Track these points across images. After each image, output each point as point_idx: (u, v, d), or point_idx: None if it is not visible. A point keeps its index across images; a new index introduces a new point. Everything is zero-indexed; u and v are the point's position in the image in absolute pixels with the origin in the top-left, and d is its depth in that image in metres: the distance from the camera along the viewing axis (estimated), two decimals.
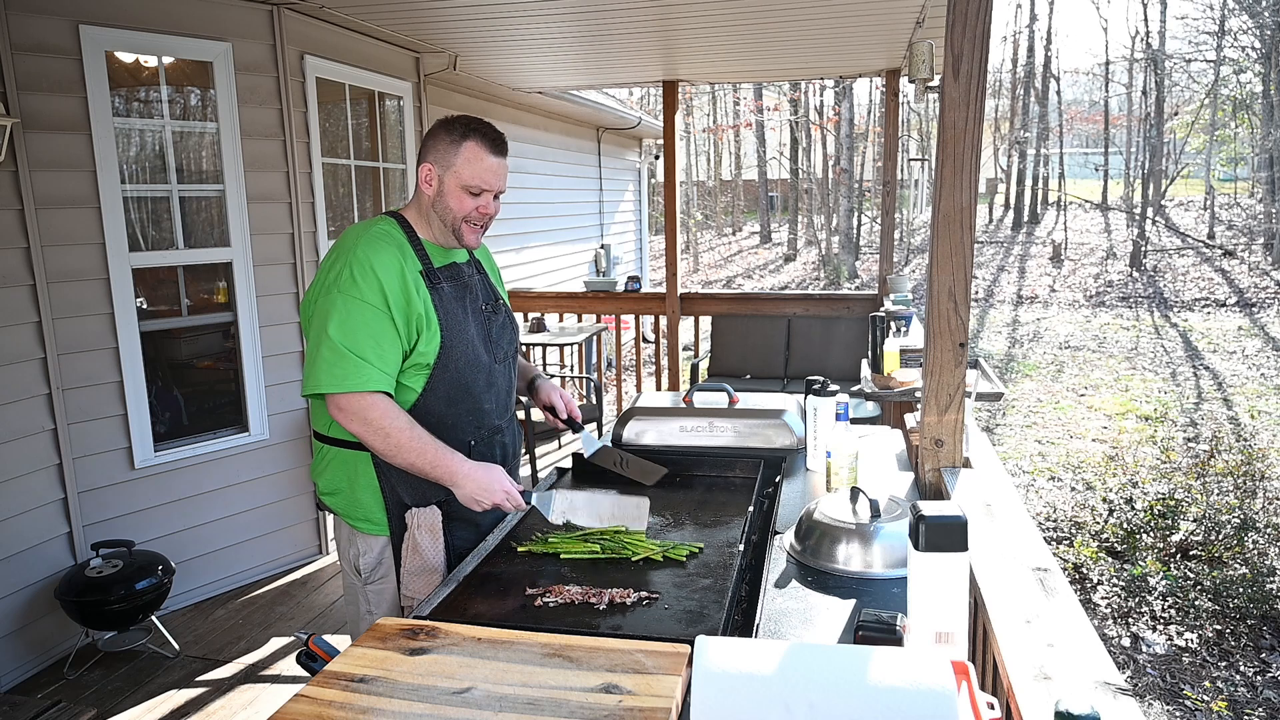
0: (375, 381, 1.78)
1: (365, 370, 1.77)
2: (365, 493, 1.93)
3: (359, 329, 1.77)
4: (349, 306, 1.78)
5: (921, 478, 2.10)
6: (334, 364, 1.77)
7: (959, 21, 1.88)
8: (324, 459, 1.98)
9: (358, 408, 1.78)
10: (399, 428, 1.78)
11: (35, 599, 3.30)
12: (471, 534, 1.95)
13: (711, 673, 1.09)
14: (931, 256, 1.99)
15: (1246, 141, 23.91)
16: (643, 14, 4.24)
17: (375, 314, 1.78)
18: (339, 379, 1.77)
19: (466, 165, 1.86)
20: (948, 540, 1.28)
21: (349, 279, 1.79)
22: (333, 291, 1.80)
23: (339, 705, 1.18)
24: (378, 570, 1.99)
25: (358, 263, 1.80)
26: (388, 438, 1.78)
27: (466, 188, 1.87)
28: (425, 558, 1.88)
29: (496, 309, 2.06)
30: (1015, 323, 14.09)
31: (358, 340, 1.77)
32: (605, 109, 8.67)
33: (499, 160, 1.89)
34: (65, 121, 3.28)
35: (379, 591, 1.99)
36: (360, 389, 1.77)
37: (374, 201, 4.86)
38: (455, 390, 1.91)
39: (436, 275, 1.91)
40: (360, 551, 1.98)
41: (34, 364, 3.27)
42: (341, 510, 1.98)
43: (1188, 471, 5.82)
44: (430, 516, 1.89)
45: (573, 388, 7.78)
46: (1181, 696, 3.75)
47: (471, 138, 1.86)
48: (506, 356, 2.07)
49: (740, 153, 29.80)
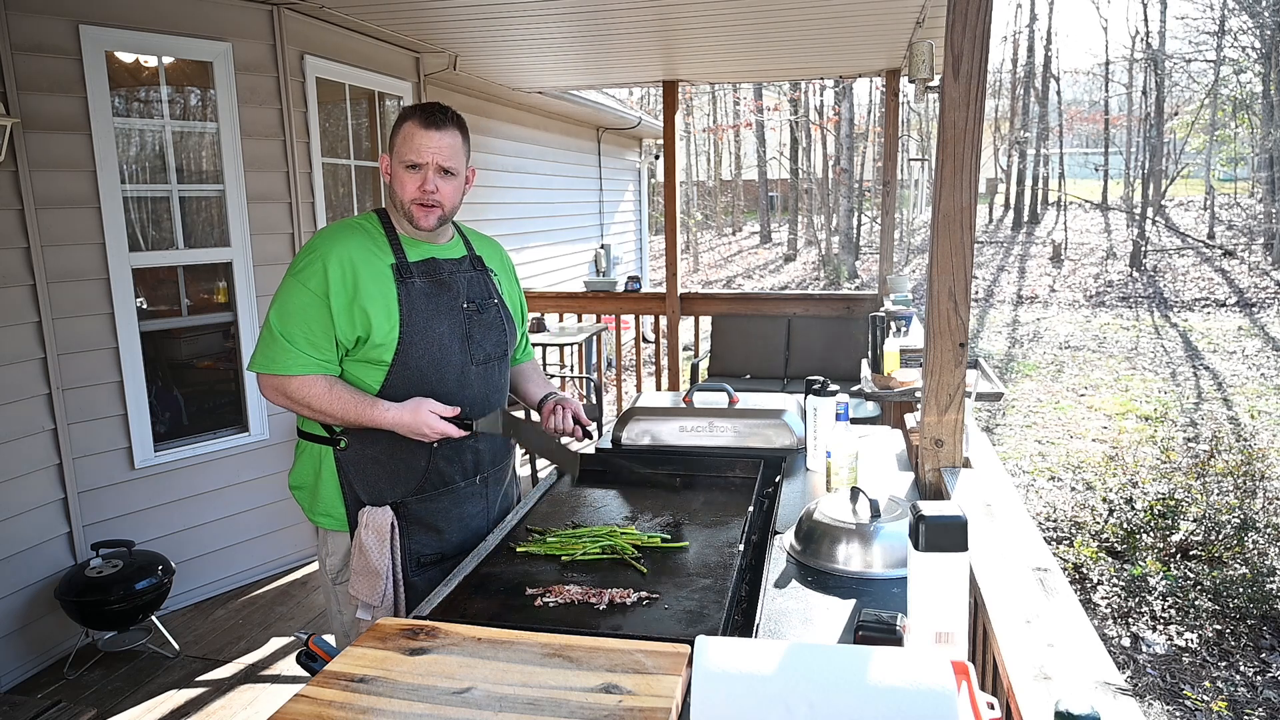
0: (300, 366, 1.83)
1: (290, 354, 1.82)
2: (326, 488, 1.94)
3: (293, 314, 1.83)
4: (291, 292, 1.84)
5: (921, 478, 2.10)
6: (267, 345, 1.85)
7: (959, 21, 1.88)
8: (299, 452, 2.02)
9: (276, 384, 1.85)
10: (316, 393, 1.84)
11: (35, 599, 3.30)
12: (433, 540, 1.95)
13: (711, 673, 1.09)
14: (931, 256, 1.99)
15: (1246, 141, 23.91)
16: (643, 14, 4.24)
17: (312, 299, 1.82)
18: (268, 360, 1.84)
19: (403, 143, 1.87)
20: (948, 540, 1.28)
21: (300, 266, 1.85)
22: (288, 276, 1.87)
23: (339, 705, 1.18)
24: (344, 571, 1.98)
25: (312, 250, 1.86)
26: (309, 405, 1.84)
27: (403, 162, 1.87)
28: (369, 559, 1.86)
29: (485, 308, 2.00)
30: (1015, 323, 14.09)
31: (289, 326, 1.83)
32: (605, 109, 8.66)
33: (434, 133, 1.85)
34: (65, 121, 3.28)
35: (345, 593, 1.98)
36: (284, 372, 1.83)
37: (374, 202, 4.87)
38: (416, 389, 1.88)
39: (408, 270, 1.90)
40: (329, 551, 2.00)
41: (34, 364, 3.27)
42: (304, 504, 2.01)
43: (1188, 471, 5.82)
44: (379, 517, 1.88)
45: (573, 388, 7.78)
46: (1181, 696, 3.75)
47: (410, 118, 1.87)
48: (489, 358, 2.00)
49: (740, 153, 29.80)
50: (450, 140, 1.88)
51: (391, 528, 1.88)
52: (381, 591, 1.86)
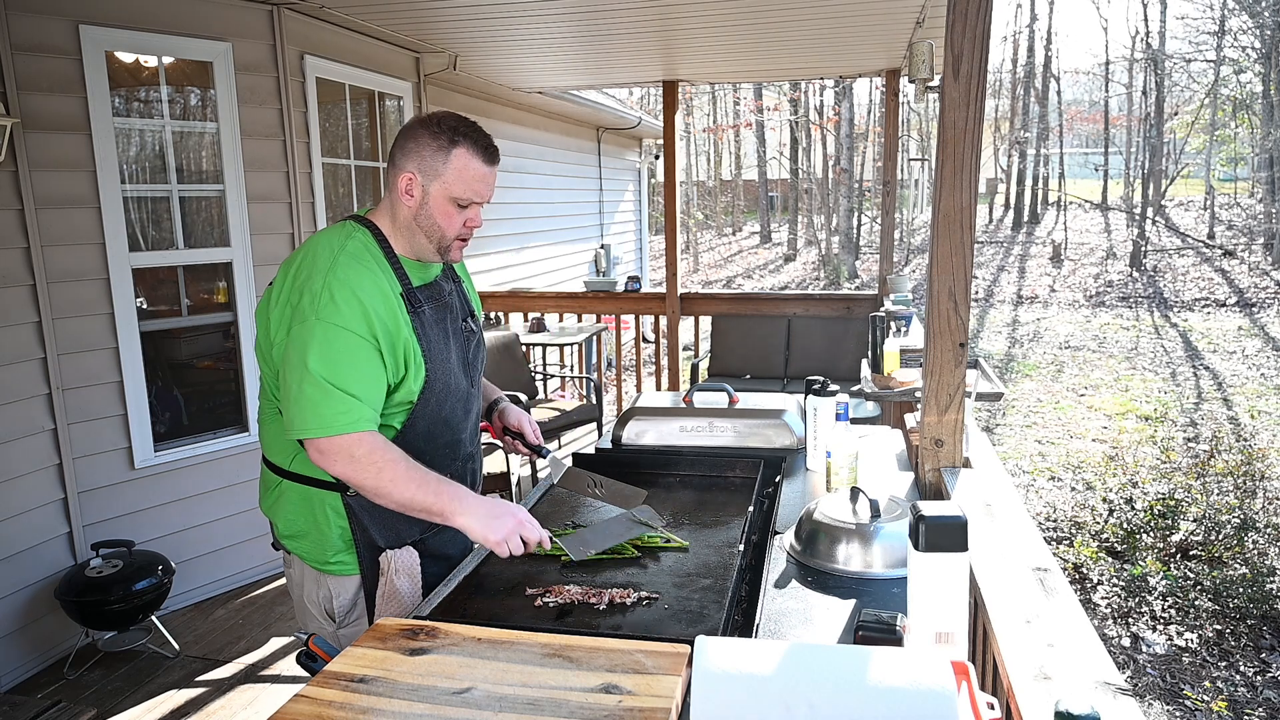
0: (366, 421, 1.56)
1: (355, 409, 1.55)
2: (333, 533, 1.73)
3: (342, 362, 1.54)
4: (330, 336, 1.54)
5: (921, 478, 2.10)
6: (320, 403, 1.53)
7: (959, 21, 1.88)
8: (276, 495, 1.77)
9: (343, 446, 1.55)
10: (391, 460, 1.56)
11: (35, 599, 3.30)
12: (443, 568, 1.77)
13: (711, 673, 1.09)
14: (931, 256, 1.99)
15: (1246, 141, 23.91)
16: (643, 14, 4.24)
17: (360, 344, 1.56)
18: (328, 421, 1.53)
19: (457, 176, 1.64)
20: (948, 540, 1.28)
21: (328, 303, 1.55)
22: (310, 318, 1.55)
23: (339, 705, 1.18)
24: (352, 613, 1.78)
25: (338, 284, 1.56)
26: (380, 474, 1.56)
27: (455, 199, 1.65)
28: (404, 603, 1.71)
29: (474, 326, 1.87)
30: (1015, 323, 14.09)
31: (342, 375, 1.54)
32: (605, 109, 8.67)
33: (491, 169, 1.68)
34: (65, 121, 3.28)
35: (352, 635, 1.74)
36: (351, 430, 1.54)
37: (374, 202, 4.84)
38: (435, 424, 1.73)
39: (417, 297, 1.68)
40: (332, 594, 1.77)
41: (34, 364, 3.27)
42: (308, 555, 1.76)
43: (1188, 471, 5.82)
44: (408, 559, 1.73)
45: (573, 387, 7.79)
46: (1181, 696, 3.75)
47: (462, 143, 1.64)
48: (479, 377, 1.89)
49: (740, 153, 29.79)
50: (496, 171, 1.72)
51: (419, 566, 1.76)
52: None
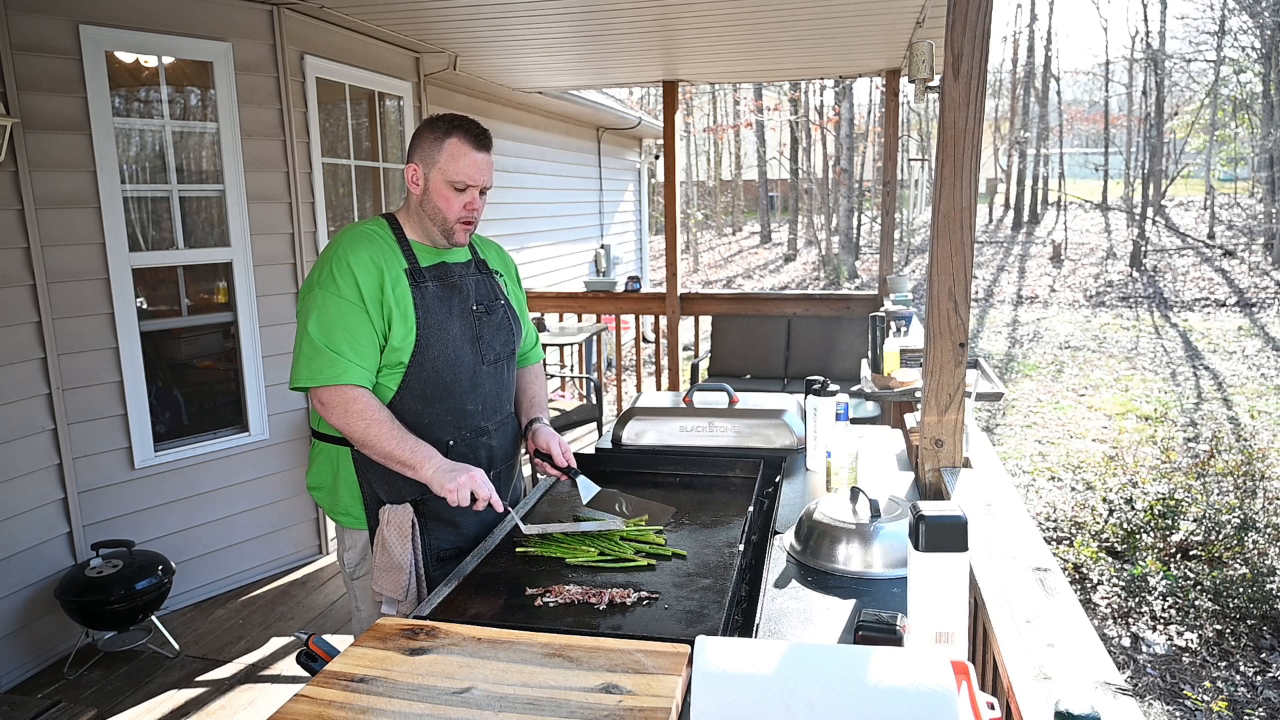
0: (351, 375, 1.84)
1: (340, 364, 1.83)
2: (345, 488, 1.98)
3: (335, 324, 1.84)
4: (327, 303, 1.85)
5: (921, 478, 2.10)
6: (311, 359, 1.84)
7: (959, 21, 1.88)
8: (315, 453, 2.05)
9: (339, 400, 1.84)
10: (379, 419, 1.83)
11: (35, 599, 3.30)
12: (451, 535, 1.98)
13: (711, 673, 1.09)
14: (931, 256, 1.99)
15: (1246, 141, 23.90)
16: (643, 14, 4.24)
17: (351, 309, 1.84)
18: (315, 373, 1.83)
19: (451, 161, 1.89)
20: (948, 540, 1.28)
21: (329, 276, 1.86)
22: (315, 289, 1.87)
23: (339, 705, 1.18)
24: (361, 566, 2.04)
25: (337, 260, 1.87)
26: (368, 427, 1.83)
27: (451, 183, 1.90)
28: (392, 555, 1.90)
29: (493, 309, 2.05)
30: (1015, 323, 14.09)
31: (334, 336, 1.83)
32: (605, 109, 8.66)
33: (483, 155, 1.91)
34: (65, 121, 3.28)
35: (364, 587, 2.04)
36: (335, 382, 1.83)
37: (374, 201, 4.86)
38: (432, 389, 1.93)
39: (421, 274, 1.94)
40: (346, 546, 2.06)
41: (34, 364, 3.27)
42: (324, 504, 2.05)
43: (1188, 471, 5.82)
44: (400, 515, 1.90)
45: (573, 387, 7.79)
46: (1181, 696, 3.75)
47: (454, 134, 1.89)
48: (499, 358, 2.06)
49: (740, 153, 29.78)
50: (491, 161, 1.95)
51: (412, 524, 1.91)
52: (405, 586, 1.89)
